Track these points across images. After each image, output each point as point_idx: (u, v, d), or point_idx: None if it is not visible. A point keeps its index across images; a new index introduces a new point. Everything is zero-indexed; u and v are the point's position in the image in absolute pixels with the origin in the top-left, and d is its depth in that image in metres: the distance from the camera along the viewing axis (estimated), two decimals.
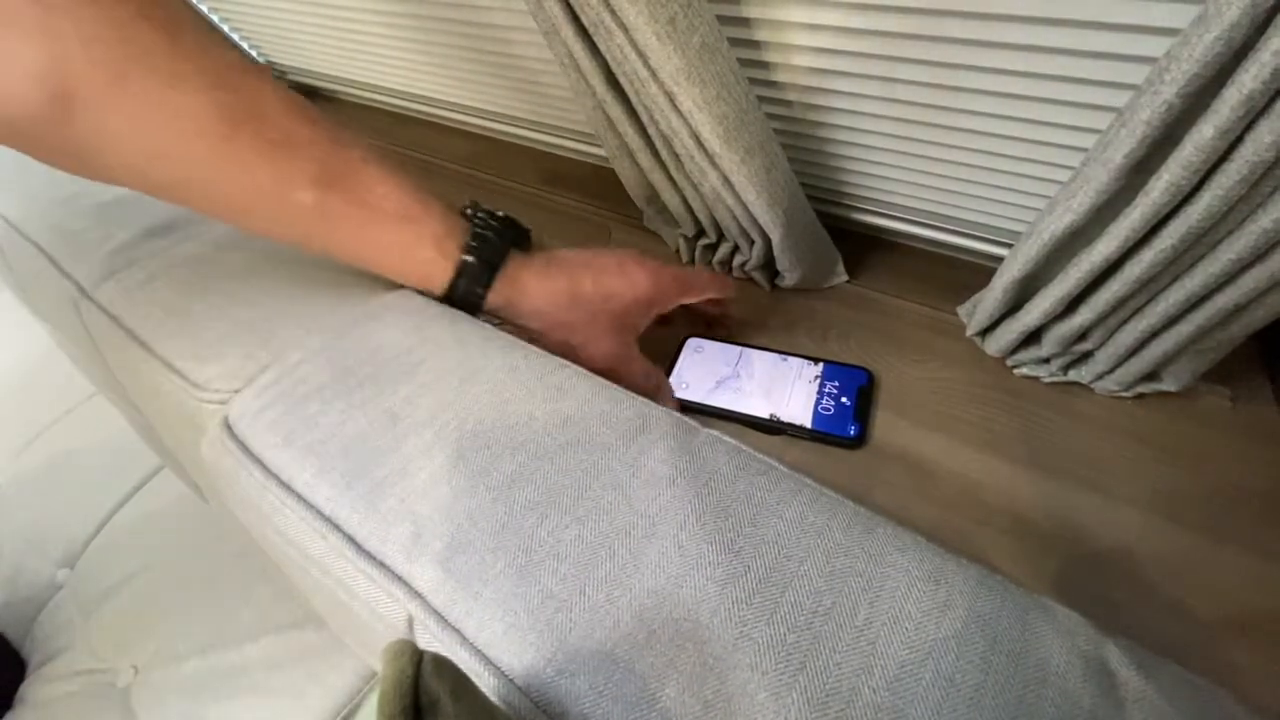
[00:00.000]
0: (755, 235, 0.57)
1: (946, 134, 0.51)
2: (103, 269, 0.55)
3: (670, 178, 0.57)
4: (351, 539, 0.32)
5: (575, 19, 0.44)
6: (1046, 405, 0.52)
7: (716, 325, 0.60)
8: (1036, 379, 0.53)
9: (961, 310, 0.56)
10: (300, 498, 0.34)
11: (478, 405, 0.37)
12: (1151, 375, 0.49)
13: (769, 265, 0.62)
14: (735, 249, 0.63)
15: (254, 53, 1.25)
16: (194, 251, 0.55)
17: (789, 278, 0.62)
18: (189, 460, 0.54)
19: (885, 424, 0.52)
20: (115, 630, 0.73)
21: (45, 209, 0.65)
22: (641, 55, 0.42)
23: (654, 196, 0.65)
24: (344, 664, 0.63)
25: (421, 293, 0.46)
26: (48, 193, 0.68)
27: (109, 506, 0.83)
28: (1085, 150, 0.40)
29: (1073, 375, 0.51)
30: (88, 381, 1.00)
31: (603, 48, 0.45)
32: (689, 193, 0.58)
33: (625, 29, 0.41)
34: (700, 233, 0.65)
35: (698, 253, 0.67)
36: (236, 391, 0.42)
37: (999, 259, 0.51)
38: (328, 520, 0.33)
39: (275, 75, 1.28)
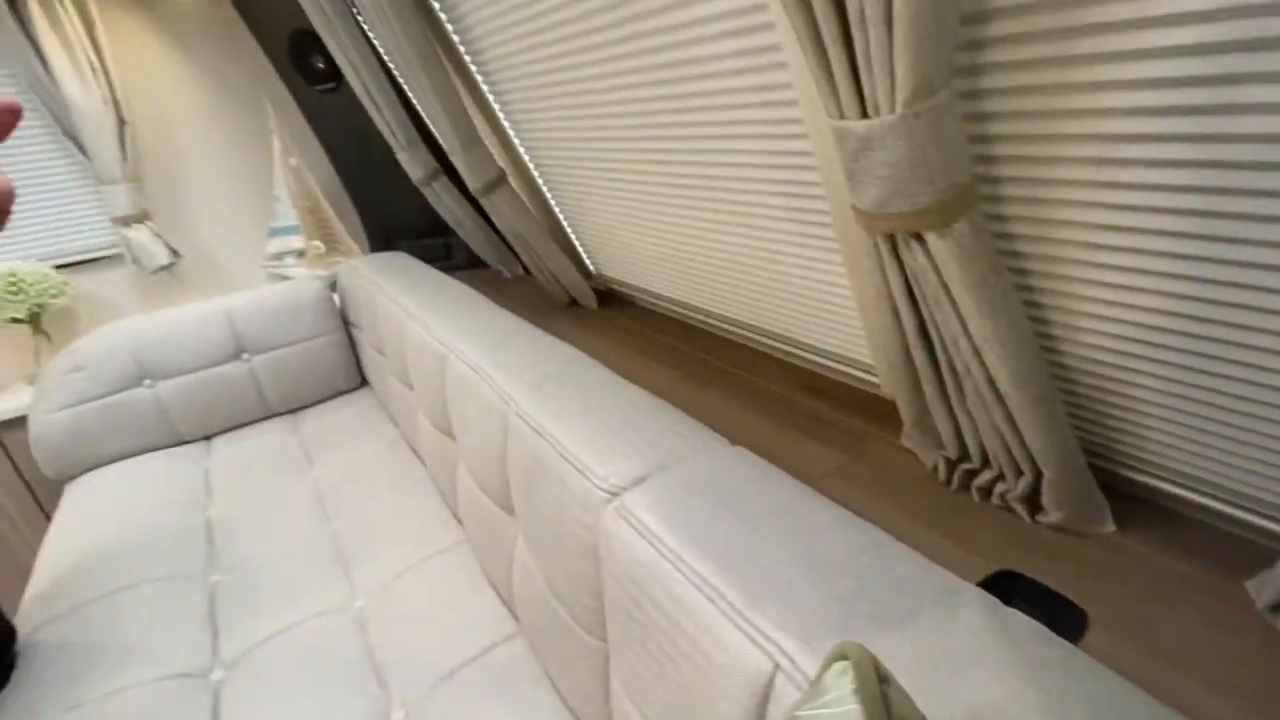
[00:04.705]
0: (1026, 469, 0.66)
1: (1234, 403, 0.58)
2: (528, 391, 0.81)
3: (949, 407, 0.70)
4: (733, 604, 0.45)
5: (909, 289, 0.63)
6: None
7: None
8: None
9: (1250, 585, 0.58)
10: (691, 567, 0.48)
11: (816, 535, 0.50)
12: None
13: (1032, 499, 0.70)
14: (999, 478, 0.71)
15: (587, 260, 1.70)
16: (593, 385, 0.79)
17: (1053, 514, 0.68)
18: (557, 520, 0.69)
19: (1164, 681, 0.54)
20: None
21: (483, 348, 0.98)
22: (962, 321, 0.58)
23: (923, 418, 0.77)
24: None
25: None
26: (485, 337, 1.02)
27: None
28: None
29: None
30: (413, 467, 1.32)
31: (925, 312, 0.62)
32: (964, 421, 0.70)
33: (954, 303, 0.58)
34: (964, 457, 0.76)
35: (957, 475, 0.76)
36: (625, 489, 0.60)
37: None
38: (714, 587, 0.46)
39: (592, 275, 1.71)
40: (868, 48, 0.47)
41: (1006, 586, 0.65)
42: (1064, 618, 0.60)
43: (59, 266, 1.75)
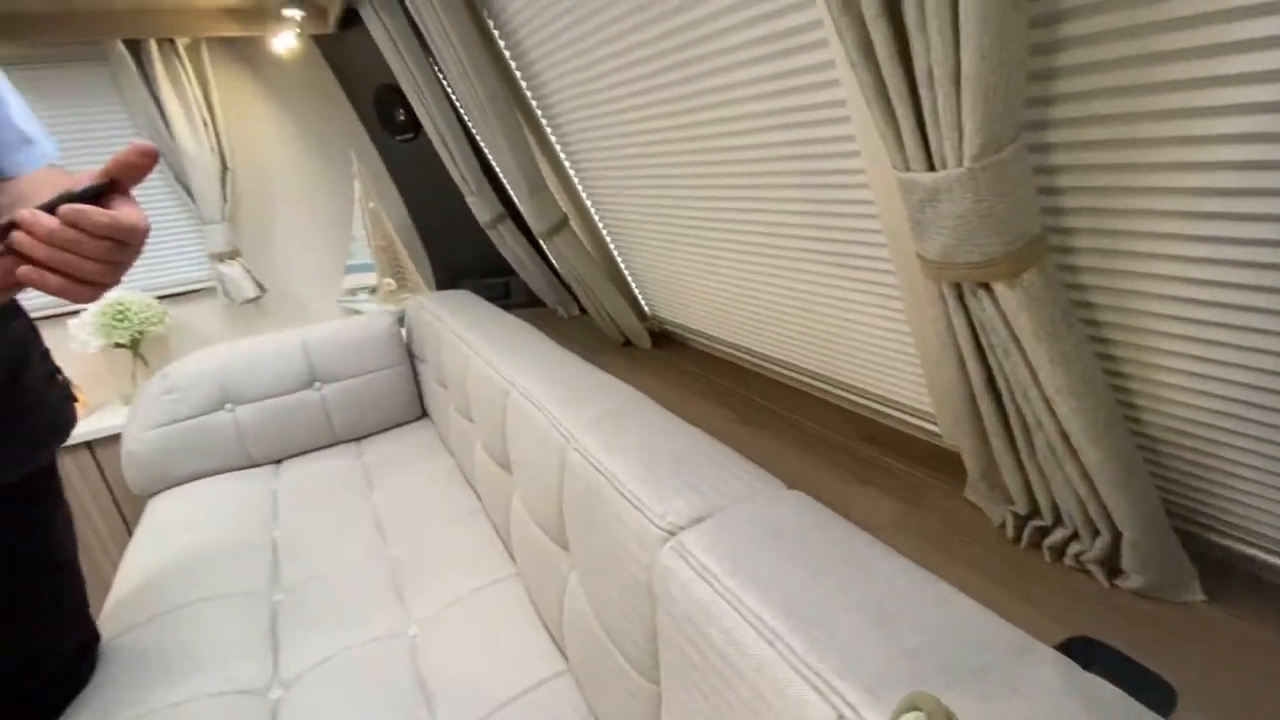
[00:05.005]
0: (1103, 528, 0.63)
1: None
2: (587, 427, 0.83)
3: (1019, 461, 0.68)
4: (794, 650, 0.44)
5: (976, 338, 0.62)
6: None
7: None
8: None
9: None
10: (751, 609, 0.48)
11: (879, 584, 0.49)
12: None
13: (1110, 561, 0.66)
14: (1074, 537, 0.68)
15: (640, 298, 1.73)
16: (650, 423, 0.80)
17: (1134, 579, 0.64)
18: (612, 556, 0.70)
19: None
20: None
21: (543, 384, 1.01)
22: (1032, 372, 0.57)
23: (990, 471, 0.75)
24: None
25: None
26: (544, 374, 1.05)
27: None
28: None
29: None
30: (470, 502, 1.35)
31: (993, 362, 0.62)
32: (1034, 476, 0.68)
33: (1024, 353, 0.57)
34: (1034, 514, 0.73)
35: (1027, 532, 0.73)
36: (682, 528, 0.61)
37: None
38: (774, 631, 0.46)
39: (648, 317, 1.74)
40: (935, 105, 0.49)
41: (1084, 653, 0.61)
42: (1149, 691, 0.56)
43: (160, 297, 1.91)
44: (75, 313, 1.77)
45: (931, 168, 0.52)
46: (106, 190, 0.49)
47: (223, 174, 1.91)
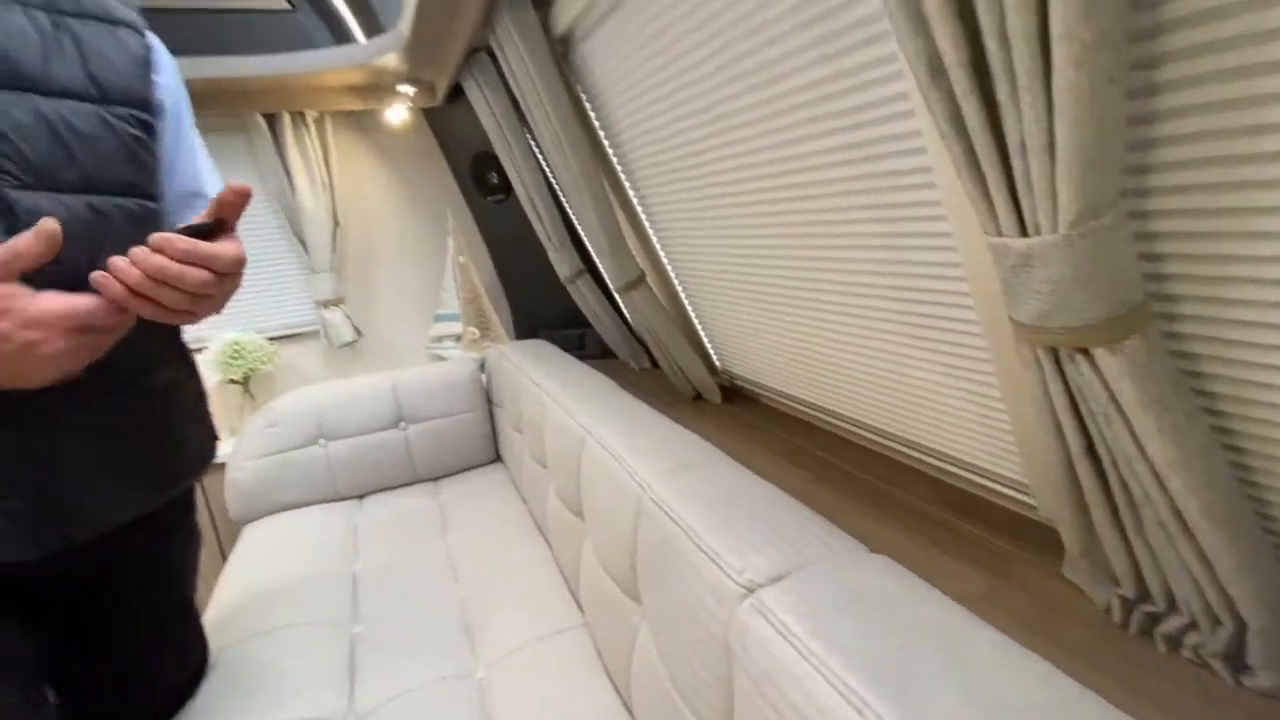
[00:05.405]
0: (1225, 618, 0.58)
1: None
2: (662, 479, 0.84)
3: (1125, 537, 0.64)
4: (882, 718, 0.43)
5: (1074, 405, 0.60)
6: None
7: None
8: None
9: None
10: (836, 674, 0.47)
11: (974, 657, 0.47)
12: None
13: (1235, 656, 0.60)
14: (1191, 626, 0.63)
15: (712, 352, 1.75)
16: (727, 477, 0.80)
17: (1263, 677, 0.58)
18: (687, 610, 0.69)
19: None
20: None
21: (618, 432, 1.03)
22: (1138, 442, 0.55)
23: (1093, 548, 0.70)
24: None
25: None
26: (620, 423, 1.08)
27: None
28: None
29: None
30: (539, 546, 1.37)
31: (1093, 430, 0.59)
32: (1143, 555, 0.63)
33: (1127, 423, 0.55)
34: (1144, 597, 0.67)
35: (1136, 618, 0.68)
36: (761, 585, 0.60)
37: None
38: (862, 699, 0.45)
39: (719, 371, 1.75)
40: (1028, 173, 0.49)
41: None
42: None
43: (270, 338, 2.09)
44: (198, 350, 1.96)
45: (1024, 233, 0.53)
46: (215, 229, 0.56)
47: (334, 229, 2.10)
